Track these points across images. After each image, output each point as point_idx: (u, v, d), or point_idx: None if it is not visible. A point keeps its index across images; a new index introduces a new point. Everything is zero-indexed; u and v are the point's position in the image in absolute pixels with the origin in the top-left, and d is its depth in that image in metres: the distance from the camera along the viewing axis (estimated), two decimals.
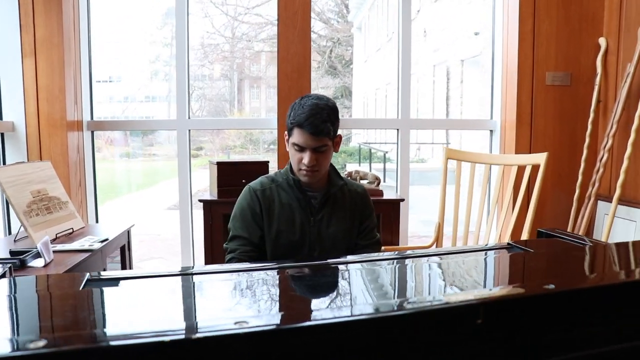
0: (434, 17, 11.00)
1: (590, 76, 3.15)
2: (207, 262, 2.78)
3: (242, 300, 0.92)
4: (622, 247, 1.31)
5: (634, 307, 0.76)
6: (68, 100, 2.90)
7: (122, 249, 2.50)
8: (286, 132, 1.85)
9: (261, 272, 1.26)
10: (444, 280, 0.98)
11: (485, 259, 1.36)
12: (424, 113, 11.66)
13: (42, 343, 0.50)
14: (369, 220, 1.98)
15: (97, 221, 3.31)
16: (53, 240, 2.16)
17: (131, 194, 8.45)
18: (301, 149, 1.78)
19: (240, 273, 1.23)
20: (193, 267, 1.50)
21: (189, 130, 3.28)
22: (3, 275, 1.34)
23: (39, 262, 1.86)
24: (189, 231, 3.32)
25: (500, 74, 3.37)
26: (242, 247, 1.84)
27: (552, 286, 0.72)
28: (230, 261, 1.84)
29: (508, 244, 1.54)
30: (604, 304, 0.75)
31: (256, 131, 9.78)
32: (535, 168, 2.75)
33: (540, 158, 2.74)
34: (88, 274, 1.12)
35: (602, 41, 3.10)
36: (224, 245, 1.92)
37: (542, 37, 3.12)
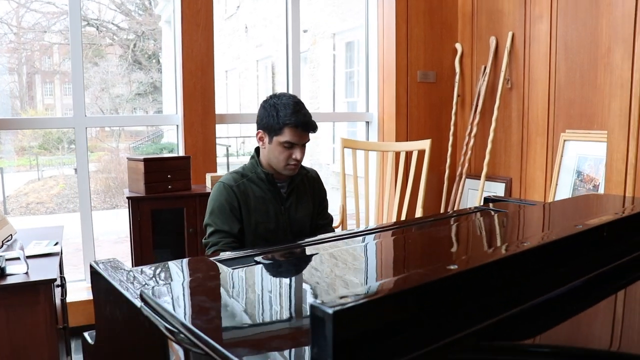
0: (255, 13, 11.35)
1: (450, 75, 3.76)
2: (136, 260, 2.73)
3: None
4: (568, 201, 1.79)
5: None
6: None
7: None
8: (264, 133, 1.96)
9: None
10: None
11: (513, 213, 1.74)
12: (247, 107, 12.00)
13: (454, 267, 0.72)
14: (325, 201, 2.23)
15: None
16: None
17: None
18: (291, 145, 1.92)
19: None
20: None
21: (86, 128, 3.14)
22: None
23: (20, 269, 1.74)
24: (90, 232, 3.16)
25: (375, 72, 3.83)
26: (223, 239, 1.93)
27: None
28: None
29: (482, 207, 1.95)
30: None
31: (55, 130, 9.06)
32: (421, 153, 3.27)
33: (425, 144, 3.26)
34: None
35: (458, 46, 3.72)
36: (203, 240, 1.99)
37: (414, 41, 3.64)
